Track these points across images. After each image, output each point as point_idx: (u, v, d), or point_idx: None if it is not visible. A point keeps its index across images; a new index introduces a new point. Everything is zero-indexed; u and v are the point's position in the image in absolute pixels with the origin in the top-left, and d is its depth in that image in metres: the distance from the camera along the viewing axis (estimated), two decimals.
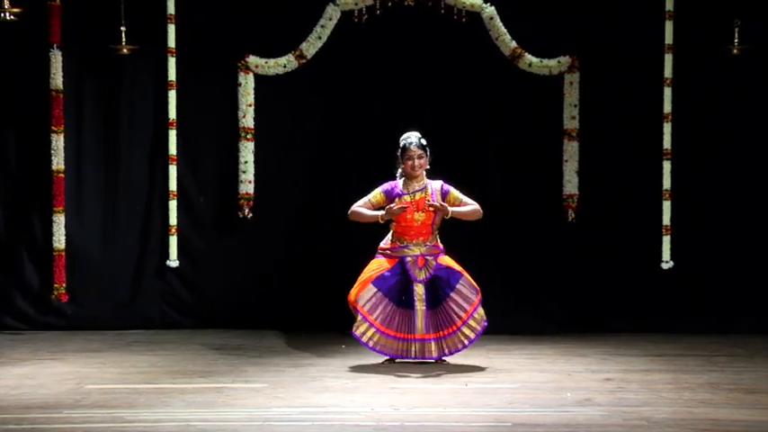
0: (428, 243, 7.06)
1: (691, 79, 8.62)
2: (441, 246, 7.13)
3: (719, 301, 8.66)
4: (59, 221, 8.59)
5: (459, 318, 6.94)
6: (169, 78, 8.62)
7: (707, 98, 8.66)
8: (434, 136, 8.67)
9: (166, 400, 5.85)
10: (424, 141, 7.13)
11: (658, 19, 8.55)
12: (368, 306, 6.96)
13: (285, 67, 8.67)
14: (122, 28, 8.33)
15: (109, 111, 8.75)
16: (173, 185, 8.68)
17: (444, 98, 8.73)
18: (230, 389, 6.19)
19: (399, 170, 7.20)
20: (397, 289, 7.00)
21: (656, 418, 5.39)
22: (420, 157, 7.06)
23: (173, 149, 8.67)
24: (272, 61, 8.67)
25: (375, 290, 6.99)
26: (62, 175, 8.59)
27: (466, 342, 6.97)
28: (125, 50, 8.40)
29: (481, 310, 6.97)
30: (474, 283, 6.99)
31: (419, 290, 6.98)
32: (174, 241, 8.71)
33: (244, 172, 8.71)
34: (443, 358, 7.04)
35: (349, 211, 7.15)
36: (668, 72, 8.56)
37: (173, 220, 8.69)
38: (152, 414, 5.51)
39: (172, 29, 8.58)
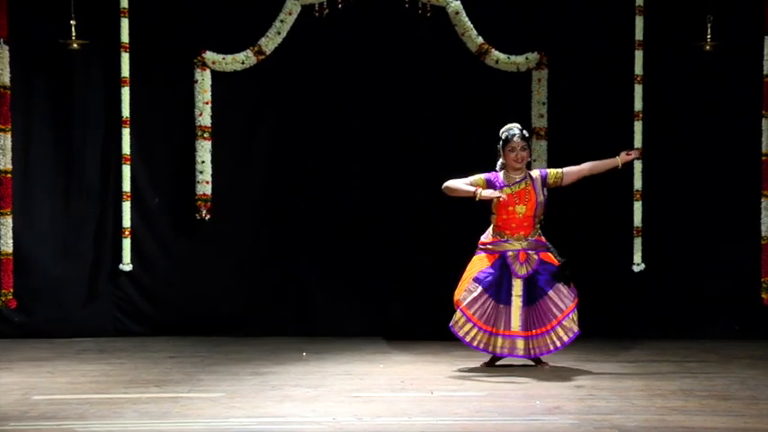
0: (530, 237, 7.11)
1: (662, 76, 8.65)
2: (544, 240, 7.17)
3: (692, 304, 8.69)
4: (6, 224, 8.51)
5: (555, 317, 6.97)
6: (122, 75, 8.56)
7: (678, 96, 8.70)
8: (398, 134, 8.73)
9: (119, 410, 5.79)
10: (526, 133, 7.19)
11: (628, 14, 8.58)
12: (467, 301, 7.00)
13: (243, 63, 8.64)
14: (72, 22, 8.26)
15: (59, 108, 8.67)
16: (126, 186, 8.62)
17: (408, 95, 8.72)
18: (186, 399, 6.13)
19: (500, 163, 7.20)
20: (496, 284, 7.04)
21: (628, 426, 5.39)
22: (523, 149, 7.12)
23: (126, 149, 8.61)
24: (229, 57, 8.63)
25: (476, 285, 7.03)
26: (9, 176, 8.51)
27: (558, 344, 7.00)
28: (75, 45, 8.33)
29: (575, 316, 6.99)
30: (573, 286, 7.02)
31: (517, 285, 7.03)
32: (127, 244, 8.64)
33: (201, 172, 8.66)
34: (540, 359, 7.13)
35: (444, 185, 7.13)
36: (639, 69, 8.59)
37: (126, 222, 8.63)
38: (103, 426, 5.45)
39: (125, 23, 8.52)
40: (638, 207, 8.66)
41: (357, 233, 8.77)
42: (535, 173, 7.20)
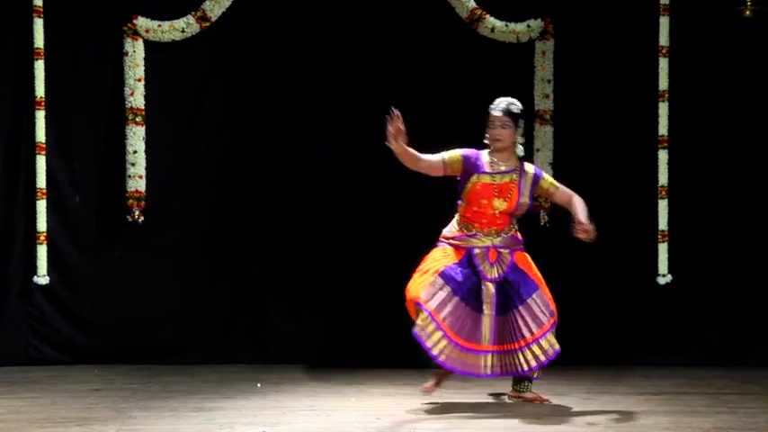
0: (503, 233, 7.07)
1: (692, 48, 8.69)
2: (519, 237, 7.14)
3: (728, 325, 8.73)
4: None
5: (525, 337, 6.90)
6: (35, 45, 8.54)
7: (712, 72, 8.73)
8: (374, 118, 8.68)
9: None
10: (515, 109, 7.11)
11: None
12: (434, 302, 6.87)
13: (184, 31, 8.64)
14: None
15: None
16: (41, 181, 8.61)
17: (386, 70, 8.71)
18: None
19: (486, 141, 7.14)
20: (467, 285, 6.95)
21: None
22: (504, 126, 7.07)
23: (41, 136, 8.59)
24: (166, 24, 8.63)
25: (442, 283, 6.92)
26: None
27: (525, 367, 6.90)
28: None
29: (551, 337, 6.93)
30: (550, 302, 6.97)
31: (489, 290, 6.96)
32: (42, 252, 8.63)
33: (133, 164, 8.67)
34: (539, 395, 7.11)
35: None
36: (664, 39, 8.62)
37: (41, 225, 8.62)
38: None
39: None
40: (663, 206, 8.69)
41: (322, 239, 8.76)
42: (529, 168, 7.15)
